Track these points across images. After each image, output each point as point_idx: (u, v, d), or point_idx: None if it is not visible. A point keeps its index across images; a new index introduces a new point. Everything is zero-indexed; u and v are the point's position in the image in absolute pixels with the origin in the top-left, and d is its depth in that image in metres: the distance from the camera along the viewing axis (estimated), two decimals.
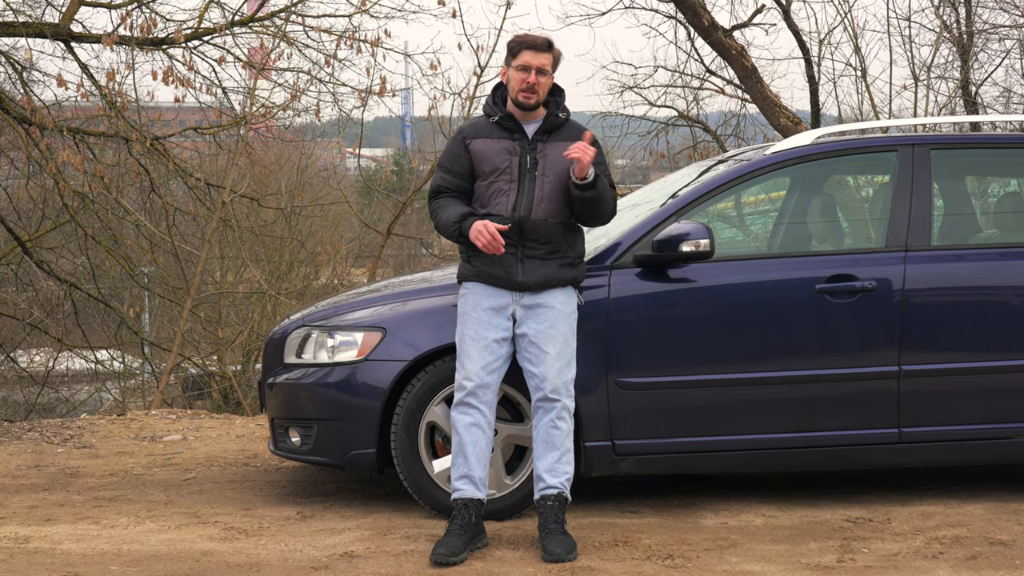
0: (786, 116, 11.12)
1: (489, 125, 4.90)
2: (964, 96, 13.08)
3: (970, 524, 5.12)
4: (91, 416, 8.85)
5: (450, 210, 4.85)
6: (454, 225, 4.81)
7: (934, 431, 5.32)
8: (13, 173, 13.11)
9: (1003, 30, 12.89)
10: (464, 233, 4.77)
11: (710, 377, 5.25)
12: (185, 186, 12.74)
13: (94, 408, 15.60)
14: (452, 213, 4.83)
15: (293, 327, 5.57)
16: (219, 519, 5.35)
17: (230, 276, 17.27)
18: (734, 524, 5.18)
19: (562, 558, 4.61)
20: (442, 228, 4.88)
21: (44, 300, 13.81)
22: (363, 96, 12.31)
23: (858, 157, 5.87)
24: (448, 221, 4.84)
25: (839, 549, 4.79)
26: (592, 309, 5.16)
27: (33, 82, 11.62)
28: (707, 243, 5.15)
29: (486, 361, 4.80)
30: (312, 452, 5.40)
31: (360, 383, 5.25)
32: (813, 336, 5.29)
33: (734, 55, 11.31)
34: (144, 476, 6.42)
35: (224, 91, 12.17)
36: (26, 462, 6.79)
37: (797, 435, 5.30)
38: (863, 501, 5.51)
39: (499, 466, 5.19)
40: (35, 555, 4.81)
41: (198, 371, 15.50)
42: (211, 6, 11.57)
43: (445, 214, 4.86)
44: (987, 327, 5.35)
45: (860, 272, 5.31)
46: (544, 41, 4.84)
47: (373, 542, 4.92)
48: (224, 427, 7.94)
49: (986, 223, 5.99)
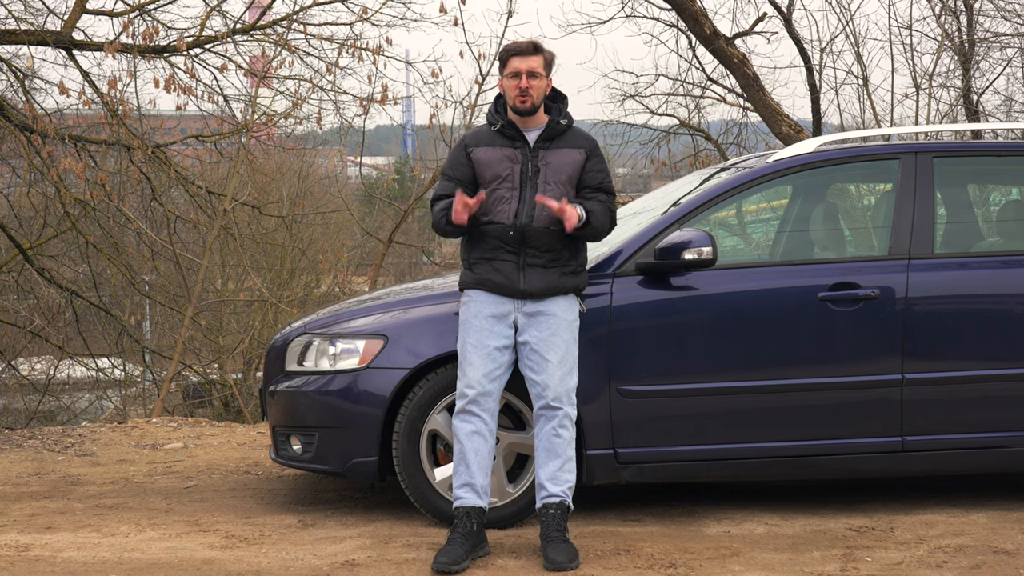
0: (788, 124, 11.12)
1: (491, 133, 4.90)
2: (966, 104, 13.08)
3: (973, 533, 5.10)
4: (92, 424, 8.84)
5: (438, 206, 4.91)
6: (441, 215, 4.87)
7: (937, 439, 5.31)
8: (15, 181, 13.11)
9: (1004, 39, 12.90)
10: (451, 221, 4.82)
11: (712, 385, 5.24)
12: (186, 194, 12.74)
13: (95, 416, 15.60)
14: (439, 209, 4.90)
15: (294, 335, 5.56)
16: (220, 527, 5.34)
17: (231, 284, 17.27)
18: (737, 532, 5.17)
19: (564, 567, 4.60)
20: (436, 226, 4.95)
21: (45, 308, 13.81)
22: (364, 104, 12.31)
23: (860, 165, 5.86)
24: (437, 218, 4.91)
25: (842, 558, 4.77)
26: (594, 317, 5.15)
27: (35, 90, 11.65)
28: (709, 251, 5.15)
29: (488, 369, 4.80)
30: (313, 460, 5.39)
31: (361, 391, 5.24)
32: (815, 344, 5.28)
33: (736, 63, 11.31)
34: (145, 484, 6.41)
35: (226, 99, 12.18)
36: (27, 470, 6.78)
37: (800, 443, 5.28)
38: (866, 510, 5.50)
39: (501, 474, 5.18)
40: (36, 563, 4.80)
41: (199, 379, 15.49)
42: (212, 14, 11.58)
43: (435, 214, 4.94)
44: (990, 335, 5.34)
45: (863, 280, 5.30)
46: (529, 44, 4.85)
47: (374, 550, 4.90)
48: (225, 435, 7.93)
49: (988, 231, 5.98)
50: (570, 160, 4.87)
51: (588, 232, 4.86)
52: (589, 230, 4.85)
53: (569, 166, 4.85)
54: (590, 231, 4.86)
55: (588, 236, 4.90)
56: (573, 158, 4.87)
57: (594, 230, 4.86)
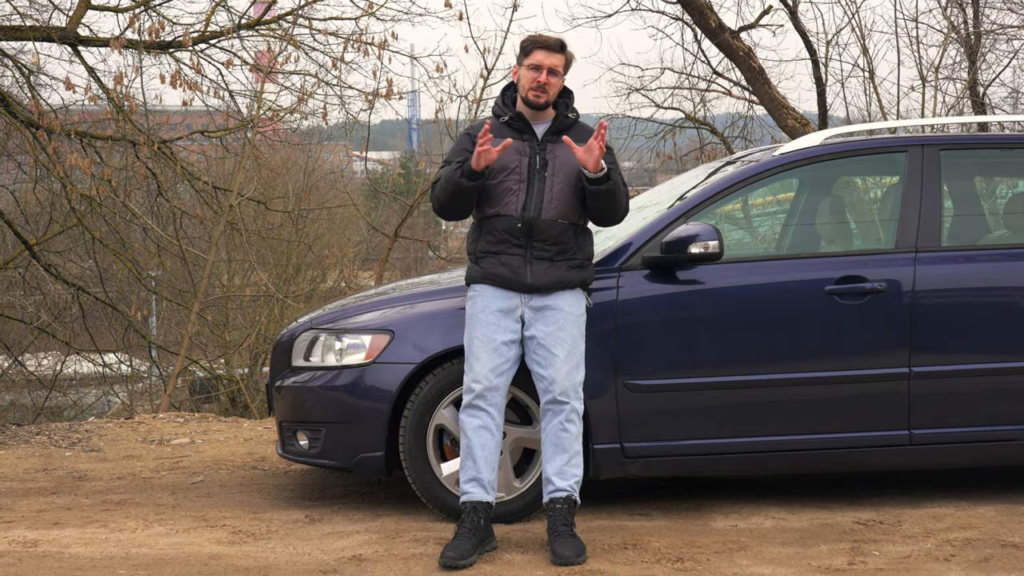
0: (794, 117, 11.09)
1: (498, 125, 4.88)
2: (972, 97, 13.05)
3: (981, 526, 5.09)
4: (99, 419, 8.85)
5: (446, 171, 4.79)
6: (456, 170, 4.71)
7: (945, 433, 5.30)
8: (21, 177, 13.12)
9: (1011, 30, 12.87)
10: (467, 171, 4.69)
11: (719, 379, 5.23)
12: (192, 189, 12.75)
13: (102, 411, 15.63)
14: (448, 170, 4.76)
15: (301, 330, 5.56)
16: (227, 522, 5.35)
17: (237, 279, 17.29)
18: (744, 527, 5.16)
19: (571, 561, 4.60)
20: (446, 186, 4.76)
21: (52, 304, 13.82)
22: (370, 99, 12.30)
23: (867, 158, 5.85)
24: (450, 175, 4.74)
25: (850, 552, 4.77)
26: (601, 311, 5.15)
27: (40, 86, 11.64)
28: (716, 245, 5.14)
29: (495, 364, 4.79)
30: (320, 455, 5.39)
31: (368, 386, 5.23)
32: (822, 338, 5.27)
33: (741, 56, 11.28)
34: (152, 479, 6.41)
35: (231, 94, 12.19)
36: (34, 466, 6.79)
37: (807, 437, 5.28)
38: (873, 503, 5.49)
39: (508, 469, 5.18)
40: (43, 559, 4.81)
41: (205, 374, 15.51)
42: (218, 9, 11.58)
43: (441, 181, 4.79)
44: (998, 328, 5.33)
45: (870, 273, 5.29)
46: (557, 42, 4.84)
47: (381, 545, 4.90)
48: (232, 430, 7.94)
49: (995, 224, 5.97)
50: None
51: (607, 189, 4.72)
52: (609, 186, 4.71)
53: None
54: (608, 188, 4.71)
55: (606, 199, 4.76)
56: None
57: (613, 186, 4.73)
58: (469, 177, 4.71)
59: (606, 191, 4.74)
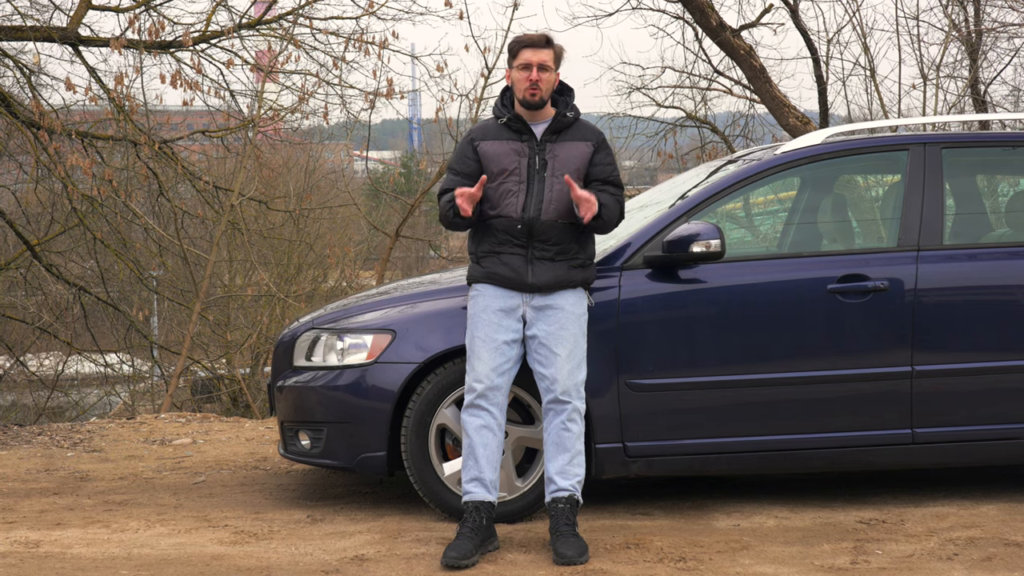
0: (795, 116, 11.09)
1: (497, 127, 4.89)
2: (973, 95, 13.04)
3: (984, 525, 5.09)
4: (100, 420, 8.85)
5: (445, 198, 4.89)
6: (448, 207, 4.84)
7: (947, 432, 5.29)
8: (22, 177, 13.12)
9: (1012, 28, 12.85)
10: (458, 213, 4.79)
11: (721, 378, 5.23)
12: (193, 189, 12.75)
13: (103, 412, 15.63)
14: (445, 201, 4.87)
15: (302, 330, 5.56)
16: (229, 523, 5.34)
17: (239, 279, 17.30)
18: (746, 526, 5.16)
19: (574, 561, 4.60)
20: (443, 219, 4.93)
21: (53, 304, 13.83)
22: (371, 98, 12.30)
23: (869, 156, 5.84)
24: (445, 211, 4.88)
25: (852, 551, 4.76)
26: (602, 310, 5.14)
27: (41, 86, 11.63)
28: (718, 243, 5.13)
29: (496, 363, 4.79)
30: (322, 455, 5.39)
31: (370, 386, 5.23)
32: (825, 336, 5.26)
33: (742, 55, 11.28)
34: (154, 480, 6.41)
35: (232, 94, 12.18)
36: (36, 466, 6.79)
37: (809, 436, 5.27)
38: (876, 502, 5.48)
39: (510, 468, 5.18)
40: (45, 559, 4.81)
41: (207, 374, 15.52)
42: (218, 9, 11.58)
43: (441, 207, 4.91)
44: (1000, 326, 5.32)
45: (872, 272, 5.29)
46: (542, 37, 4.84)
47: (384, 545, 4.90)
48: (233, 430, 7.94)
49: (997, 222, 5.96)
50: (577, 153, 4.86)
51: (599, 224, 4.85)
52: (600, 223, 4.84)
53: (576, 159, 4.84)
54: (600, 224, 4.85)
55: (598, 228, 4.89)
56: (580, 151, 4.86)
57: (604, 223, 4.85)
58: (463, 219, 4.81)
59: (597, 226, 4.86)
